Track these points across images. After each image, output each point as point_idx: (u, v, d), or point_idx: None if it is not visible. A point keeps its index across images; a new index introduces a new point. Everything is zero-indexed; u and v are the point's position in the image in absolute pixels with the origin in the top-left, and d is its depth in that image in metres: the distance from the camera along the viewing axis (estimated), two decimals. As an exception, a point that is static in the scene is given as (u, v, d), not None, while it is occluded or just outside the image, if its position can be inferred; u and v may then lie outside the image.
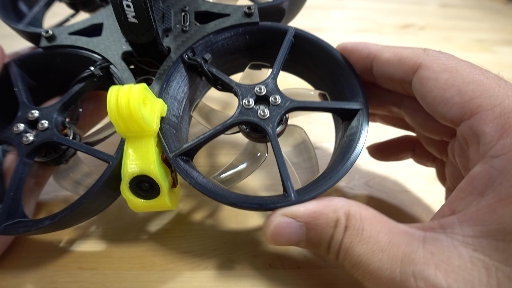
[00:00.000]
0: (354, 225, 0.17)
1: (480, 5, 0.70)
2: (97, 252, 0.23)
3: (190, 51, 0.23)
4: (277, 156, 0.20)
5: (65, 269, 0.22)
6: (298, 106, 0.21)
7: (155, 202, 0.20)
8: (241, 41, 0.24)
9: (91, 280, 0.22)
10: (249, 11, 0.24)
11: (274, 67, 0.22)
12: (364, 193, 0.29)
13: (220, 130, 0.20)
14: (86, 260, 0.23)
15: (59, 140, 0.21)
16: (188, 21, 0.24)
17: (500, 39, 0.56)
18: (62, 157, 0.23)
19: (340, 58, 0.24)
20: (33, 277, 0.22)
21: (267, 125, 0.20)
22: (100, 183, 0.19)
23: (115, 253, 0.23)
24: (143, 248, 0.24)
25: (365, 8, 0.62)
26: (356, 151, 0.20)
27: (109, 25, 0.24)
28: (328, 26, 0.55)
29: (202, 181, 0.20)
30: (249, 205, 0.19)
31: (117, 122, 0.18)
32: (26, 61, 0.24)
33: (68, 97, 0.23)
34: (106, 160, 0.20)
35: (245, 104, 0.21)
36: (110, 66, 0.23)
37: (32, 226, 0.19)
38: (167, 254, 0.24)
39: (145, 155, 0.19)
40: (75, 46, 0.24)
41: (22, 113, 0.22)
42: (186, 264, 0.23)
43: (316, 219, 0.18)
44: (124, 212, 0.26)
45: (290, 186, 0.19)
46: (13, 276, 0.22)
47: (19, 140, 0.21)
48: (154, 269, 0.23)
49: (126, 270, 0.23)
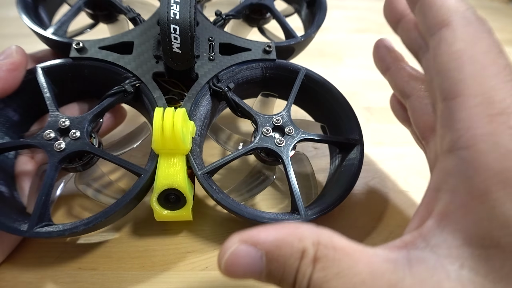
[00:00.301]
0: (326, 256, 0.14)
1: (480, 5, 0.70)
2: (97, 252, 0.23)
3: (215, 78, 0.25)
4: (290, 179, 0.23)
5: (65, 269, 0.22)
6: (308, 137, 0.24)
7: (178, 213, 0.22)
8: (258, 74, 0.27)
9: (91, 280, 0.22)
10: (269, 49, 0.27)
11: (288, 102, 0.26)
12: (364, 193, 0.29)
13: (242, 153, 0.23)
14: (85, 260, 0.23)
15: (91, 150, 0.22)
16: (214, 50, 0.26)
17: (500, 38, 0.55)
18: (87, 164, 0.23)
19: (342, 98, 0.27)
20: (33, 277, 0.22)
21: (282, 152, 0.23)
22: (133, 194, 0.21)
23: (115, 253, 0.23)
24: (142, 248, 0.24)
25: (365, 8, 0.62)
26: (355, 178, 0.24)
27: (140, 44, 0.26)
28: (328, 26, 0.55)
29: (225, 197, 0.22)
30: (267, 220, 0.22)
31: (158, 140, 0.21)
32: (54, 69, 0.25)
33: (99, 109, 0.23)
34: (138, 173, 0.22)
35: (264, 132, 0.24)
36: (141, 84, 0.24)
37: (66, 231, 0.20)
38: (167, 254, 0.24)
39: (177, 171, 0.22)
40: (106, 61, 0.25)
41: (52, 120, 0.22)
42: (186, 264, 0.23)
43: (278, 248, 0.14)
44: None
45: (300, 206, 0.22)
46: (13, 276, 0.22)
47: (51, 146, 0.22)
48: (154, 269, 0.23)
49: (126, 271, 0.23)
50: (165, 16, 0.21)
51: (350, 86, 0.41)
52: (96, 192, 0.25)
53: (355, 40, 0.52)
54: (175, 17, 0.21)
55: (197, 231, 0.25)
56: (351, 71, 0.45)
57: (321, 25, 0.30)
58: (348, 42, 0.51)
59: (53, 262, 0.23)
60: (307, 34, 0.29)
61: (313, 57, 0.47)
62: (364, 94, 0.40)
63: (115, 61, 0.25)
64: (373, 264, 0.14)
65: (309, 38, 0.29)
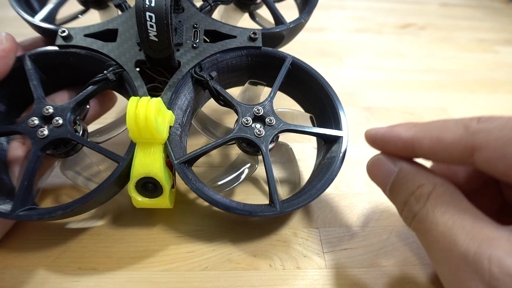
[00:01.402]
0: (444, 193, 0.17)
1: (480, 5, 0.70)
2: (97, 252, 0.23)
3: (198, 67, 0.25)
4: (268, 170, 0.22)
5: (65, 269, 0.22)
6: (289, 128, 0.24)
7: (156, 201, 0.22)
8: (244, 62, 0.27)
9: (91, 280, 0.22)
10: (254, 36, 0.26)
11: (271, 91, 0.25)
12: (364, 193, 0.29)
13: (220, 143, 0.23)
14: (86, 260, 0.23)
15: (73, 137, 0.22)
16: (198, 38, 0.26)
17: (500, 38, 0.56)
18: (71, 151, 0.24)
19: (329, 89, 0.26)
20: (33, 277, 0.22)
21: (261, 142, 0.23)
22: (110, 181, 0.21)
23: (115, 254, 0.23)
24: (142, 248, 0.24)
25: (364, 8, 0.62)
26: (334, 172, 0.23)
27: (124, 31, 0.26)
28: (328, 26, 0.55)
29: (200, 187, 0.22)
30: (241, 211, 0.22)
31: (133, 130, 0.20)
32: (41, 56, 0.25)
33: (82, 97, 0.24)
34: (116, 161, 0.22)
35: (244, 122, 0.23)
36: (124, 72, 0.24)
37: (45, 214, 0.21)
38: (167, 254, 0.24)
39: (154, 160, 0.22)
40: (90, 48, 0.25)
41: (37, 107, 0.23)
42: (186, 264, 0.23)
43: (409, 173, 0.19)
44: (123, 213, 0.26)
45: (276, 199, 0.22)
46: (13, 276, 0.22)
47: (34, 133, 0.22)
48: (153, 269, 0.23)
49: (126, 271, 0.23)
50: (141, 3, 0.21)
51: (350, 86, 0.41)
52: (76, 175, 0.25)
53: (355, 40, 0.52)
54: (150, 4, 0.21)
55: (197, 231, 0.25)
56: (351, 71, 0.45)
57: (312, 11, 0.29)
58: (348, 42, 0.51)
59: (53, 262, 0.23)
60: (296, 21, 0.28)
61: (313, 57, 0.47)
62: (364, 94, 0.40)
63: (99, 49, 0.25)
64: (478, 219, 0.16)
65: (300, 25, 0.28)
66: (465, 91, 0.43)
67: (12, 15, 0.27)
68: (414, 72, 0.46)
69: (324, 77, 0.26)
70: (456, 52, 0.52)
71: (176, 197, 0.27)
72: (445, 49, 0.52)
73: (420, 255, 0.24)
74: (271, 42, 0.27)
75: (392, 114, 0.38)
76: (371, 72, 0.45)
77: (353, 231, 0.26)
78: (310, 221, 0.26)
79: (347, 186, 0.29)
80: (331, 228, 0.26)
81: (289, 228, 0.26)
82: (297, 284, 0.22)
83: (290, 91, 0.29)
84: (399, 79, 0.44)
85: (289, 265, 0.23)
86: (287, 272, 0.23)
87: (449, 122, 0.18)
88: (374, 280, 0.23)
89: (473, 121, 0.17)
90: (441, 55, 0.50)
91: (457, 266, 0.15)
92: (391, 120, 0.37)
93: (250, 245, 0.24)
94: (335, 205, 0.28)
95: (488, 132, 0.16)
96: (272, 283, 0.22)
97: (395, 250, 0.25)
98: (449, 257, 0.16)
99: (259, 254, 0.24)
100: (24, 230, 0.24)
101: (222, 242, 0.24)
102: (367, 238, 0.25)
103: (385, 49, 0.50)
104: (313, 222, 0.26)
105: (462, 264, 0.15)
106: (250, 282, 0.22)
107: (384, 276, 0.23)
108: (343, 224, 0.26)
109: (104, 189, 0.21)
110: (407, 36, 0.55)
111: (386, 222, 0.26)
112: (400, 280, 0.23)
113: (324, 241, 0.25)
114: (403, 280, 0.23)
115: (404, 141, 0.19)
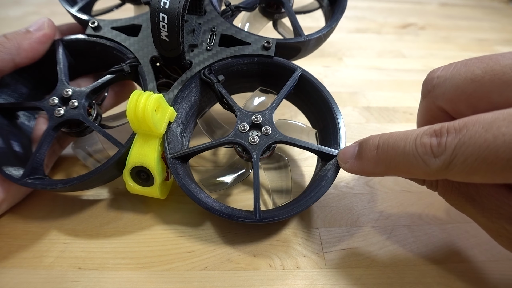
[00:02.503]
0: None
1: (480, 5, 0.70)
2: (97, 252, 0.23)
3: (208, 69, 0.26)
4: (255, 178, 0.23)
5: (65, 269, 0.22)
6: (284, 140, 0.24)
7: (148, 190, 0.24)
8: (255, 69, 0.27)
9: (91, 280, 0.22)
10: (267, 45, 0.26)
11: (274, 101, 0.25)
12: (364, 193, 0.29)
13: (215, 145, 0.24)
14: (85, 260, 0.23)
15: (83, 119, 0.25)
16: (214, 41, 0.27)
17: (500, 38, 0.56)
18: (83, 131, 0.26)
19: (334, 107, 0.26)
20: (32, 277, 0.22)
21: (254, 150, 0.23)
22: (108, 164, 0.23)
23: (115, 254, 0.23)
24: (142, 248, 0.24)
25: (365, 8, 0.62)
26: (322, 190, 0.23)
27: (146, 28, 0.27)
28: (328, 26, 0.55)
29: (187, 183, 0.23)
30: (220, 213, 0.22)
31: (132, 121, 0.22)
32: (72, 42, 0.27)
33: (97, 85, 0.26)
34: (116, 146, 0.24)
35: (240, 128, 0.24)
36: (139, 66, 0.26)
37: (48, 186, 0.23)
38: (167, 254, 0.24)
39: (149, 152, 0.23)
40: (114, 40, 0.27)
41: (59, 89, 0.25)
42: (186, 264, 0.23)
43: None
44: (123, 213, 0.26)
45: (257, 208, 0.22)
46: (12, 276, 0.22)
47: (52, 111, 0.25)
48: (154, 269, 0.23)
49: (126, 270, 0.23)
50: (156, 4, 0.22)
51: (350, 86, 0.41)
52: (87, 156, 0.27)
53: (355, 40, 0.52)
54: (164, 6, 0.22)
55: (197, 231, 0.25)
56: (351, 71, 0.45)
57: (334, 26, 0.29)
58: (348, 42, 0.51)
59: (53, 262, 0.23)
60: (314, 34, 0.28)
61: (313, 57, 0.46)
62: (364, 94, 0.40)
63: (122, 41, 0.27)
64: None
65: (318, 38, 0.28)
66: (465, 91, 0.43)
67: (12, 15, 0.28)
68: (414, 72, 0.46)
69: (327, 80, 0.27)
70: (456, 52, 0.52)
71: (176, 197, 0.27)
72: (445, 49, 0.52)
73: (420, 255, 0.24)
74: (287, 53, 0.28)
75: (392, 114, 0.38)
76: (371, 72, 0.45)
77: (353, 231, 0.26)
78: (310, 221, 0.26)
79: (347, 186, 0.29)
80: (331, 228, 0.26)
81: (289, 228, 0.26)
82: (297, 284, 0.22)
83: (298, 103, 0.29)
84: (399, 79, 0.44)
85: (289, 265, 0.23)
86: (287, 272, 0.23)
87: (409, 156, 0.17)
88: (374, 280, 0.23)
89: (429, 156, 0.17)
90: (441, 55, 0.50)
91: (488, 228, 0.19)
92: (391, 120, 0.37)
93: (250, 245, 0.24)
94: (335, 205, 0.28)
95: (448, 170, 0.16)
96: (272, 283, 0.22)
97: (395, 250, 0.25)
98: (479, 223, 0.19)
99: (259, 254, 0.24)
100: (24, 230, 0.24)
101: (222, 242, 0.24)
102: (367, 238, 0.25)
103: (385, 49, 0.50)
104: (313, 222, 0.26)
105: (491, 230, 0.19)
106: (250, 282, 0.22)
107: (384, 276, 0.23)
108: (343, 224, 0.26)
109: (101, 171, 0.23)
110: (407, 36, 0.55)
111: (386, 222, 0.26)
112: (401, 280, 0.23)
113: (324, 241, 0.25)
114: (403, 280, 0.23)
115: (383, 174, 0.20)
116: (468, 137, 0.15)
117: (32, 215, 0.25)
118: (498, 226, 0.18)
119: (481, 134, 0.15)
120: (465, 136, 0.15)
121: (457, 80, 0.18)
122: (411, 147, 0.17)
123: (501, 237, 0.19)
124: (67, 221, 0.25)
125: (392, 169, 0.19)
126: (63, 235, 0.24)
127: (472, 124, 0.15)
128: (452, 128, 0.16)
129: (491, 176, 0.15)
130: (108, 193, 0.27)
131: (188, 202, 0.27)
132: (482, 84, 0.17)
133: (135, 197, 0.26)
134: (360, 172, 0.21)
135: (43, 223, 0.25)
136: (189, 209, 0.27)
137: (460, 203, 0.20)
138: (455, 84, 0.18)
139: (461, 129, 0.16)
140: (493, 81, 0.17)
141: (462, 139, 0.15)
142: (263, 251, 0.24)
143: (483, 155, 0.15)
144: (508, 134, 0.14)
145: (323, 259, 0.24)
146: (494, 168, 0.15)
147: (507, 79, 0.16)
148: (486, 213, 0.18)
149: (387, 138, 0.19)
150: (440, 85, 0.19)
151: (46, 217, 0.25)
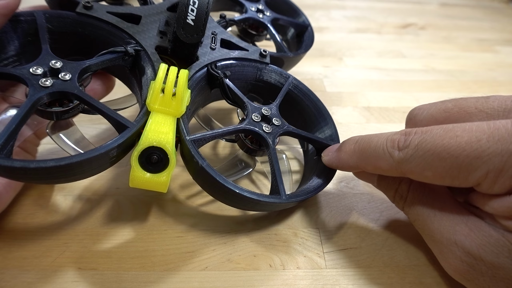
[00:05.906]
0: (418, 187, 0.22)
1: (480, 5, 0.70)
2: (97, 252, 0.23)
3: (214, 65, 0.27)
4: (275, 163, 0.24)
5: (65, 269, 0.22)
6: (292, 131, 0.26)
7: (155, 178, 0.21)
8: (252, 73, 0.29)
9: (91, 280, 0.22)
10: (264, 53, 0.29)
11: (277, 98, 0.27)
12: (364, 193, 0.29)
13: (229, 131, 0.24)
14: (85, 260, 0.23)
15: (80, 94, 0.21)
16: (216, 43, 0.28)
17: (500, 38, 0.56)
18: (65, 113, 0.22)
19: (324, 109, 0.29)
20: (32, 277, 0.22)
21: (269, 137, 0.24)
22: (115, 144, 0.20)
23: (115, 254, 0.23)
24: (142, 248, 0.24)
25: (365, 8, 0.62)
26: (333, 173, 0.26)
27: (147, 18, 0.27)
28: (328, 26, 0.55)
29: (209, 165, 0.22)
30: (249, 194, 0.22)
31: (156, 95, 0.21)
32: (56, 17, 0.24)
33: (95, 61, 0.23)
34: (126, 125, 0.21)
35: (254, 118, 0.25)
36: (142, 52, 0.25)
37: (32, 163, 0.18)
38: (167, 254, 0.24)
39: (167, 131, 0.21)
40: (114, 24, 0.25)
41: (43, 59, 0.22)
42: (186, 264, 0.23)
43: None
44: (124, 213, 0.26)
45: (282, 189, 0.23)
46: (12, 276, 0.22)
47: (36, 80, 0.20)
48: (153, 269, 0.23)
49: (126, 271, 0.23)
50: None
51: (350, 86, 0.41)
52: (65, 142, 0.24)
53: (355, 40, 0.52)
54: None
55: (197, 231, 0.25)
56: (351, 71, 0.45)
57: (308, 49, 0.34)
58: (348, 42, 0.51)
59: (53, 263, 0.23)
60: (297, 53, 0.33)
61: (313, 57, 0.47)
62: (364, 94, 0.40)
63: (125, 28, 0.25)
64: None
65: (299, 57, 0.34)
66: (465, 91, 0.43)
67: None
68: (414, 72, 0.46)
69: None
70: (456, 52, 0.52)
71: (176, 197, 0.27)
72: (445, 49, 0.52)
73: (421, 254, 0.24)
74: (274, 64, 0.30)
75: (392, 114, 0.38)
76: (371, 72, 0.45)
77: (353, 231, 0.26)
78: (310, 221, 0.26)
79: (347, 186, 0.29)
80: (331, 228, 0.26)
81: (289, 228, 0.26)
82: (297, 284, 0.22)
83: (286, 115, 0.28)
84: (399, 79, 0.44)
85: (289, 265, 0.23)
86: (287, 272, 0.23)
87: (378, 149, 0.21)
88: (374, 280, 0.23)
89: (394, 149, 0.20)
90: (441, 55, 0.50)
91: (439, 248, 0.21)
92: (391, 120, 0.37)
93: (250, 245, 0.24)
94: (335, 205, 0.28)
95: (408, 161, 0.19)
96: (272, 283, 0.22)
97: (396, 250, 0.25)
98: (432, 241, 0.21)
99: (259, 254, 0.24)
100: (24, 230, 0.24)
101: (222, 242, 0.24)
102: (367, 238, 0.25)
103: (385, 49, 0.50)
104: (313, 222, 0.26)
105: (442, 247, 0.20)
106: (250, 282, 0.22)
107: (385, 276, 0.23)
108: (343, 224, 0.26)
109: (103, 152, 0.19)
110: (407, 36, 0.55)
111: (386, 222, 0.26)
112: (401, 280, 0.23)
113: (324, 241, 0.25)
114: (404, 280, 0.23)
115: (355, 167, 0.24)
116: (430, 136, 0.19)
117: (32, 215, 0.25)
118: (450, 243, 0.20)
119: (441, 134, 0.18)
120: (428, 135, 0.19)
121: (433, 110, 0.23)
122: (382, 142, 0.21)
123: (447, 259, 0.20)
124: (67, 221, 0.25)
125: (363, 160, 0.22)
126: (63, 235, 0.24)
127: (436, 128, 0.19)
128: (419, 130, 0.19)
129: (440, 173, 0.18)
130: (108, 193, 0.27)
131: (188, 202, 0.27)
132: (451, 114, 0.22)
133: (135, 197, 0.26)
134: (336, 162, 0.24)
135: (43, 223, 0.25)
136: (189, 209, 0.27)
137: (421, 218, 0.22)
138: (431, 113, 0.23)
139: (426, 131, 0.19)
140: (459, 112, 0.21)
141: (425, 137, 0.19)
142: (263, 251, 0.24)
143: (438, 151, 0.18)
144: (461, 136, 0.18)
145: (323, 259, 0.24)
146: (444, 164, 0.18)
147: (470, 111, 0.21)
148: (444, 229, 0.20)
149: (366, 136, 0.23)
150: (420, 114, 0.23)
151: (46, 217, 0.25)
